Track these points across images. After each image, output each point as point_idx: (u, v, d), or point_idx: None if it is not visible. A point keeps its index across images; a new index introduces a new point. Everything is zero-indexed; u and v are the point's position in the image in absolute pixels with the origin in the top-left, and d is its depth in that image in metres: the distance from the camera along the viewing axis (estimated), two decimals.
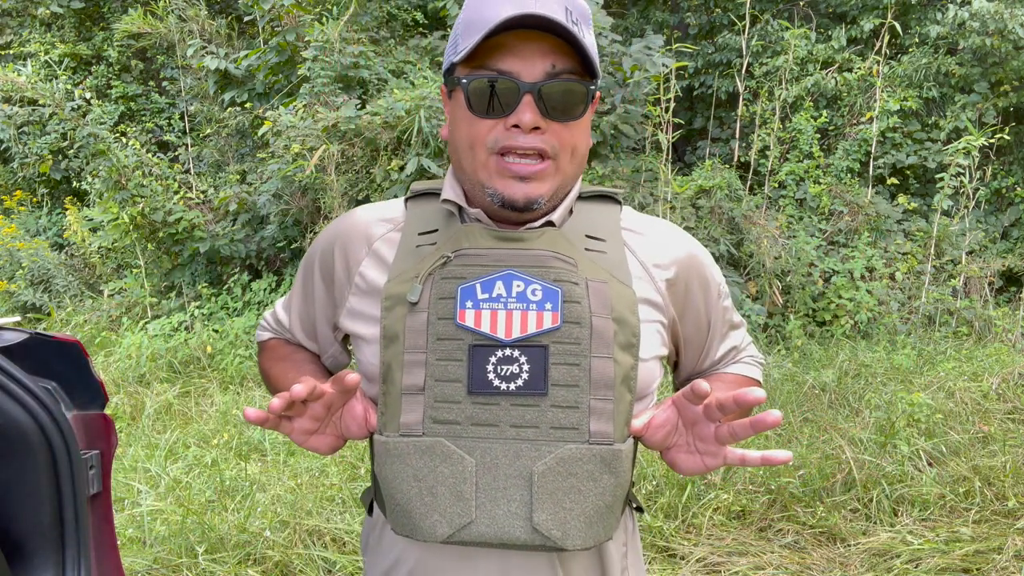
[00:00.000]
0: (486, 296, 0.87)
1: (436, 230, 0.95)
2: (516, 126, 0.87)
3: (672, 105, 5.40)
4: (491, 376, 0.85)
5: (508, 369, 0.85)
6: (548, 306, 0.87)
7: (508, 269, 0.88)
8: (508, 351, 0.86)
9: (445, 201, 0.96)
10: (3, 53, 8.48)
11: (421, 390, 0.86)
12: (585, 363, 0.86)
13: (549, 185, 0.90)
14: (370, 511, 1.04)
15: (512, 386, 0.85)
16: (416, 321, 0.87)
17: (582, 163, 0.95)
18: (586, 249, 0.93)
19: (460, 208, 0.96)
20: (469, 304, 0.87)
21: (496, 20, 0.83)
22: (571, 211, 0.98)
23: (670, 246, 1.00)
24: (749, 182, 6.07)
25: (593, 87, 0.89)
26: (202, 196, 6.04)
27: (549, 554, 0.89)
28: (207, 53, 6.40)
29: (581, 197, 1.00)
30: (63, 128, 7.00)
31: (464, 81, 0.88)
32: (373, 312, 0.95)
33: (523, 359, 0.85)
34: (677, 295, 0.99)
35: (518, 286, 0.87)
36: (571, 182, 0.94)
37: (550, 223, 0.94)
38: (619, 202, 1.03)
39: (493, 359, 0.86)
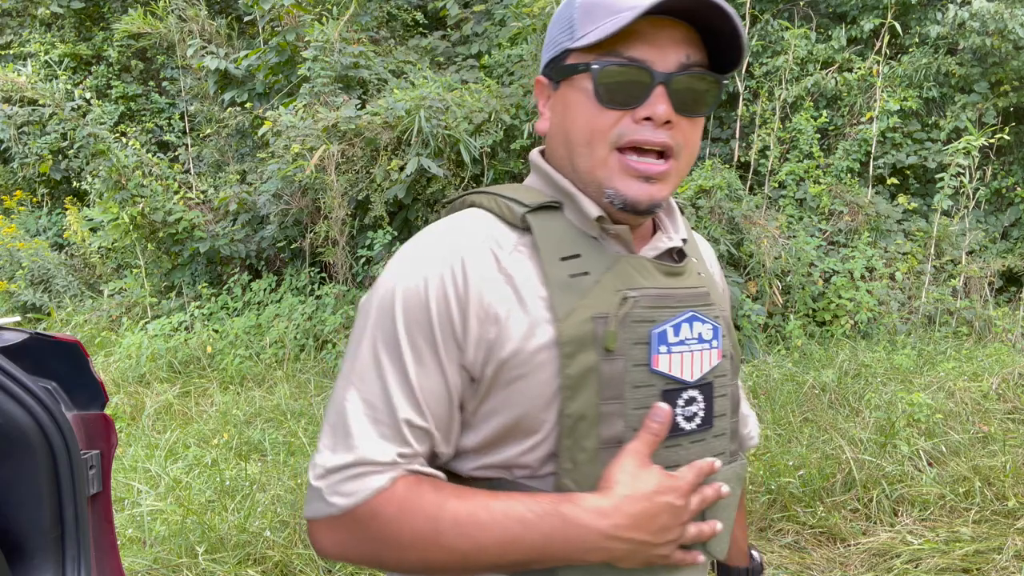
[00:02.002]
0: (677, 340, 0.82)
1: (579, 255, 0.82)
2: (647, 119, 0.80)
3: None
4: (679, 419, 0.82)
5: (690, 410, 0.84)
6: (715, 344, 0.86)
7: (689, 310, 0.84)
8: (691, 392, 0.84)
9: (599, 219, 0.84)
10: (3, 53, 8.48)
11: (620, 443, 0.79)
12: (730, 392, 0.89)
13: (670, 187, 0.84)
14: None
15: (692, 425, 0.84)
16: (613, 368, 0.79)
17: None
18: (698, 273, 0.90)
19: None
20: (663, 349, 0.81)
21: (646, 3, 0.75)
22: None
23: (711, 252, 1.02)
24: (749, 182, 6.06)
25: (725, 81, 0.83)
26: (202, 196, 6.05)
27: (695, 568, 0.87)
28: (207, 53, 6.40)
29: None
30: (63, 128, 6.99)
31: (595, 67, 0.79)
32: (531, 348, 0.79)
33: (700, 398, 0.84)
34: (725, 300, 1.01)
35: (698, 327, 0.85)
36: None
37: (681, 243, 0.90)
38: (682, 211, 0.99)
39: (680, 401, 0.83)
